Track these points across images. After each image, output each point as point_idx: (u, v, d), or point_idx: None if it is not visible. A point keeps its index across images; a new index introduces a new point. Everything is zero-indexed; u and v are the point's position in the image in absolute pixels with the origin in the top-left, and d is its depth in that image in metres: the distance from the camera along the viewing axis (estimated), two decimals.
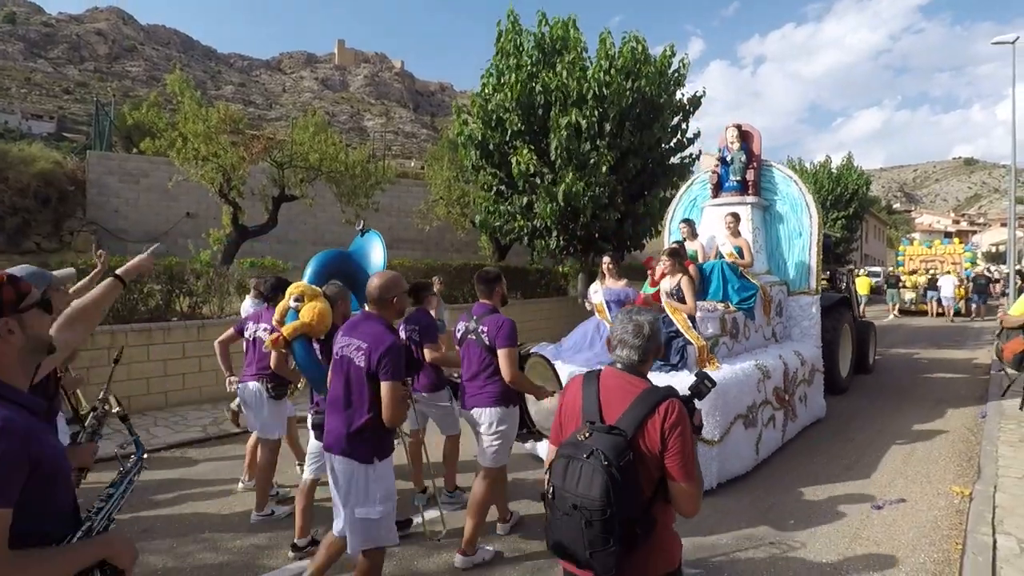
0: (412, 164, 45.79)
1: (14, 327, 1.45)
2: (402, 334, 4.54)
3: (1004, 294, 23.25)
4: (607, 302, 5.86)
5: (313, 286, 4.03)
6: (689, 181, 8.87)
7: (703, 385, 2.15)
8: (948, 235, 51.53)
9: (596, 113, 12.31)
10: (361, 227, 5.26)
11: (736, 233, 7.25)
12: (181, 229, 17.29)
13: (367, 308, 3.12)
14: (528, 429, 4.15)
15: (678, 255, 5.92)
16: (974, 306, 21.39)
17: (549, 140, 12.69)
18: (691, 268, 6.21)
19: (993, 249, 66.39)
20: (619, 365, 2.06)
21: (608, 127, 12.63)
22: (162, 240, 17.14)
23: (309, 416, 3.98)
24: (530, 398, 4.07)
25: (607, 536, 1.75)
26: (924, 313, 22.18)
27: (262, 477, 4.64)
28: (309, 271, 4.56)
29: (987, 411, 7.56)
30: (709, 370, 5.17)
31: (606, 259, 6.20)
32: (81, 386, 3.88)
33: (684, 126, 14.83)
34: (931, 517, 4.73)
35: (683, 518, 1.98)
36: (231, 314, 9.32)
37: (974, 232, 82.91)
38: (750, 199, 7.76)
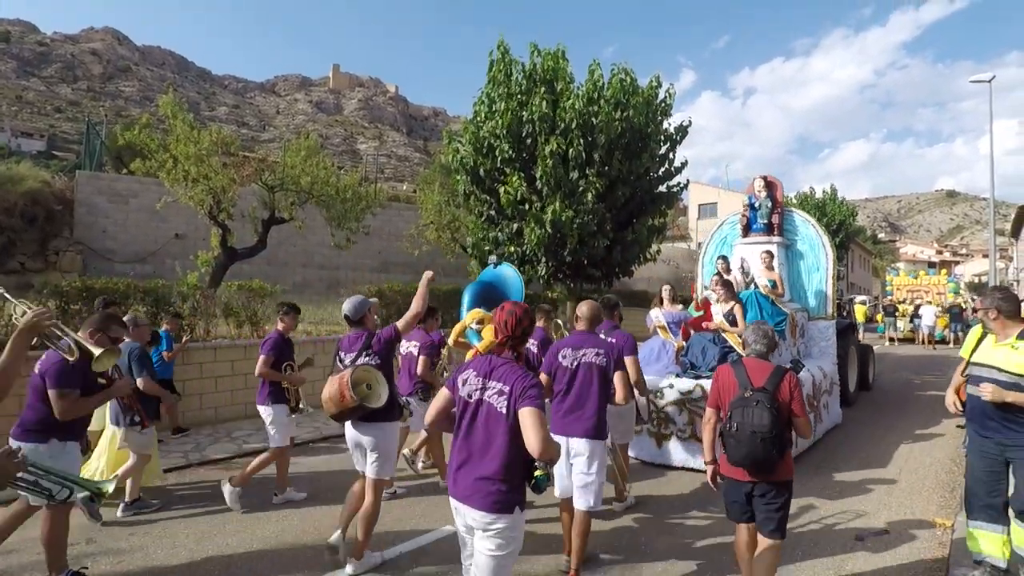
0: (404, 187, 46.02)
1: None
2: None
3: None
4: (668, 323, 7.27)
5: (486, 312, 5.20)
6: (719, 222, 10.15)
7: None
8: (932, 265, 52.17)
9: (582, 142, 12.50)
10: (495, 261, 6.36)
11: (770, 268, 8.39)
12: (169, 250, 17.23)
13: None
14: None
15: (731, 286, 7.06)
16: (952, 334, 22.22)
17: (538, 168, 12.86)
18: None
19: (975, 279, 67.47)
20: (754, 355, 3.54)
21: (596, 156, 12.82)
22: (150, 261, 17.08)
23: None
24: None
25: (772, 447, 3.17)
26: (912, 340, 22.88)
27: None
28: (467, 299, 5.95)
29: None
30: None
31: (666, 288, 7.68)
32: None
33: (672, 155, 15.09)
34: (914, 550, 4.73)
35: None
36: (218, 337, 9.26)
37: (957, 262, 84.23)
38: (776, 239, 8.93)
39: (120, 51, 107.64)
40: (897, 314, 24.25)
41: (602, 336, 4.55)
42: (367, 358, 4.12)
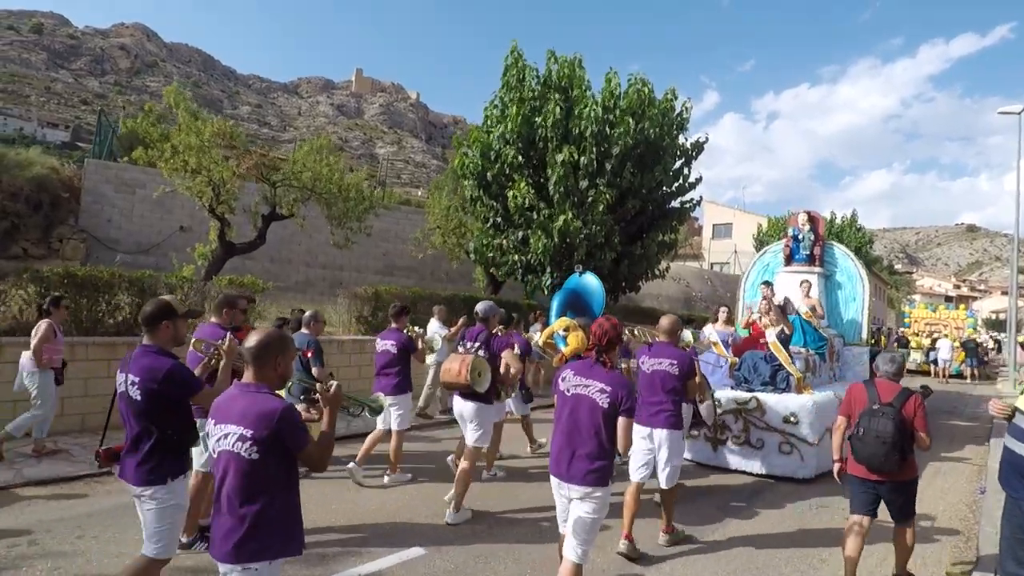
0: (419, 193, 45.92)
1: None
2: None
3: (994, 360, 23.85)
4: (720, 341, 7.83)
5: (569, 320, 5.95)
6: (762, 251, 10.86)
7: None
8: (949, 299, 51.29)
9: (595, 151, 12.18)
10: (580, 270, 7.04)
11: (808, 295, 9.06)
12: (173, 242, 17.05)
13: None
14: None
15: (781, 310, 7.91)
16: (969, 369, 22.11)
17: (548, 175, 12.54)
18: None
19: (993, 316, 66.01)
20: (885, 376, 4.17)
21: (608, 166, 12.49)
22: (153, 253, 16.94)
23: None
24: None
25: (894, 451, 3.82)
26: (927, 373, 22.21)
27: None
28: (555, 306, 6.85)
29: (985, 487, 7.13)
30: (804, 395, 7.06)
31: (723, 309, 8.36)
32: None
33: (686, 171, 14.72)
34: None
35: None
36: None
37: (975, 298, 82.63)
38: (816, 270, 9.57)
39: (148, 47, 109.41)
40: (911, 346, 23.75)
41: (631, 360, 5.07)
42: (484, 351, 5.19)
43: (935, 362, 22.09)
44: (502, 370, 5.21)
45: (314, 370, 5.82)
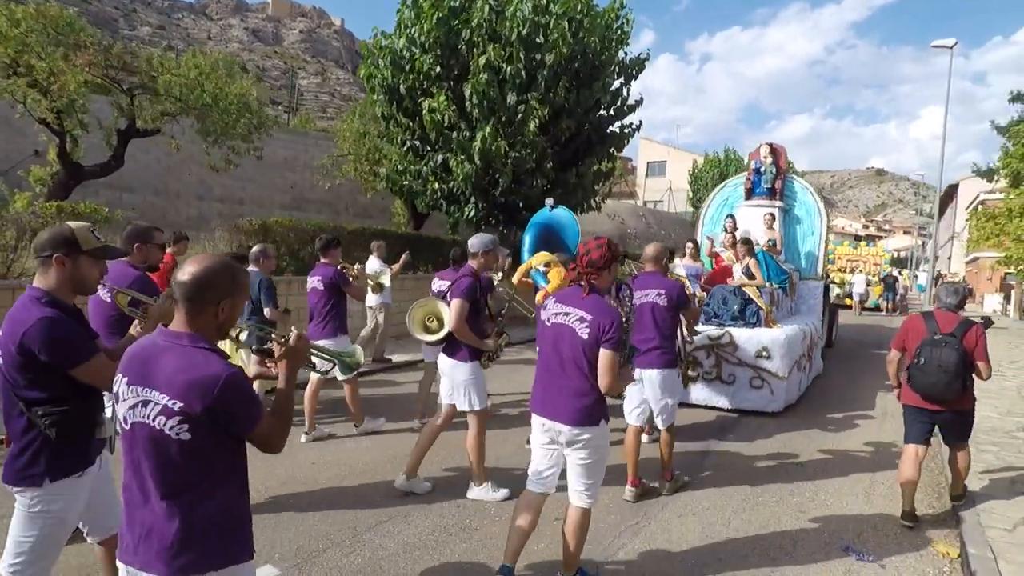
0: (344, 126, 42.16)
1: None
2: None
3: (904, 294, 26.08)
4: (688, 276, 7.15)
5: (550, 255, 5.26)
6: (720, 185, 10.81)
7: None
8: (858, 238, 54.36)
9: (523, 57, 10.48)
10: (551, 204, 6.45)
11: (771, 228, 9.08)
12: (27, 168, 14.30)
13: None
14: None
15: (749, 243, 7.72)
16: (886, 303, 23.72)
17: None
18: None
19: (895, 254, 70.13)
20: (945, 308, 4.18)
21: (540, 78, 10.84)
22: None
23: None
24: None
25: (956, 380, 3.93)
26: (848, 307, 23.40)
27: None
28: (528, 242, 6.25)
29: None
30: (776, 329, 6.94)
31: (689, 244, 7.77)
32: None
33: (625, 92, 13.26)
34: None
35: None
36: (23, 275, 7.02)
37: (881, 237, 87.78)
38: (777, 203, 9.53)
39: None
40: (835, 281, 24.81)
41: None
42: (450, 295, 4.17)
43: (850, 295, 23.34)
44: (452, 325, 4.06)
45: (266, 310, 5.22)
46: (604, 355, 2.78)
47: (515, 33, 10.38)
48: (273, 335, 1.96)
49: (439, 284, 5.68)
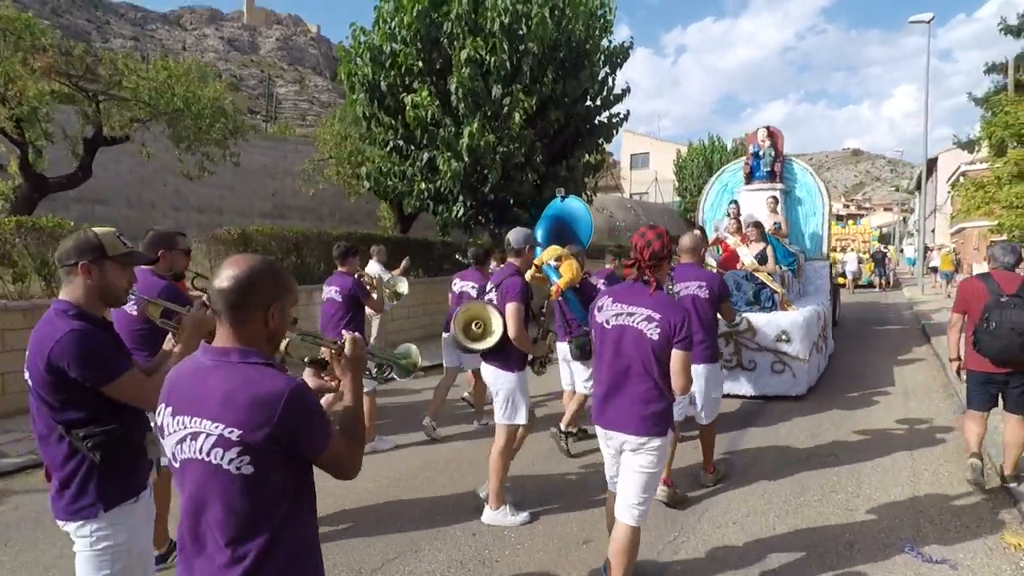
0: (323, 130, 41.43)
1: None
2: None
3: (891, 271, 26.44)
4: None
5: (561, 248, 4.89)
6: (719, 171, 10.65)
7: None
8: (840, 218, 55.17)
9: (507, 48, 10.10)
10: (562, 195, 6.29)
11: (775, 211, 8.94)
12: None
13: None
14: None
15: (761, 227, 7.63)
16: (878, 279, 23.89)
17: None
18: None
19: (878, 230, 71.22)
20: (1001, 267, 4.06)
21: (525, 68, 10.46)
22: None
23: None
24: None
25: None
26: (841, 286, 23.50)
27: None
28: (540, 235, 5.71)
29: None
30: (792, 312, 6.90)
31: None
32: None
33: (611, 81, 12.90)
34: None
35: None
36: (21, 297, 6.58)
37: (862, 215, 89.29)
38: (778, 186, 9.45)
39: None
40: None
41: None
42: (496, 296, 3.85)
43: (843, 274, 23.20)
44: (512, 332, 3.66)
45: None
46: (677, 355, 2.62)
47: (497, 24, 9.99)
48: (323, 342, 1.74)
49: (461, 285, 5.46)
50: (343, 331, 1.75)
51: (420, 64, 10.55)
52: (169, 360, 2.21)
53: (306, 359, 1.82)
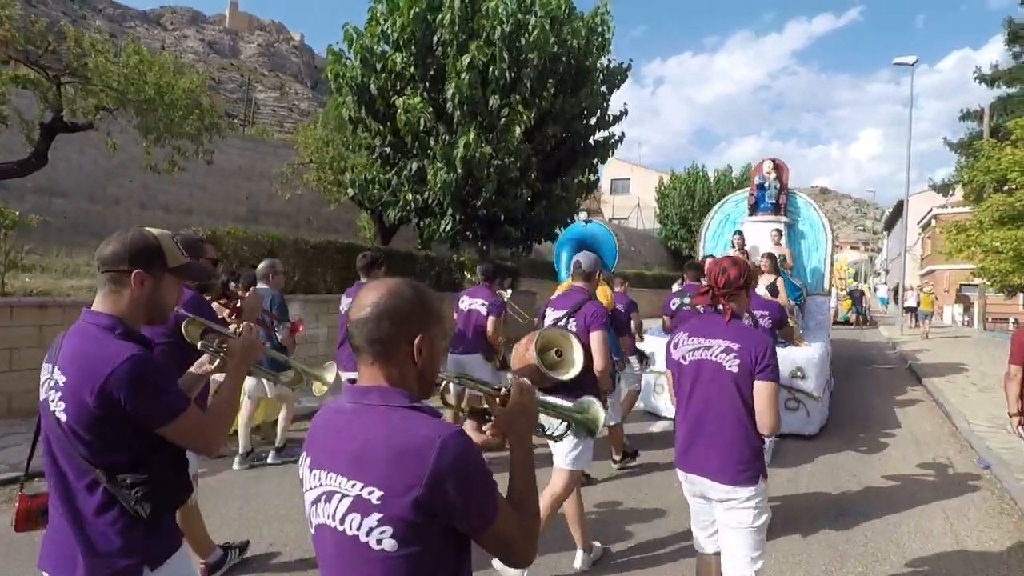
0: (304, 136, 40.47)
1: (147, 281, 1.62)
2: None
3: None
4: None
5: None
6: (721, 201, 10.45)
7: None
8: None
9: (507, 57, 9.64)
10: (585, 219, 6.83)
11: (779, 243, 8.76)
12: None
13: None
14: None
15: (774, 259, 7.38)
16: (855, 316, 23.96)
17: (449, 91, 9.86)
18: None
19: (853, 268, 73.60)
20: None
21: (525, 80, 10.01)
22: None
23: None
24: None
25: None
26: None
27: None
28: (564, 259, 6.55)
29: (988, 462, 5.84)
30: (807, 348, 6.70)
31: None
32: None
33: (605, 104, 12.58)
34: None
35: None
36: None
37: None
38: (782, 219, 9.38)
39: None
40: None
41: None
42: (571, 322, 3.47)
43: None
44: (600, 364, 3.31)
45: (278, 333, 4.61)
46: (762, 388, 2.33)
47: (497, 32, 9.54)
48: (482, 388, 1.45)
49: (470, 303, 5.20)
50: (507, 375, 1.39)
51: (412, 69, 10.02)
52: (221, 393, 1.84)
53: (463, 408, 1.50)
